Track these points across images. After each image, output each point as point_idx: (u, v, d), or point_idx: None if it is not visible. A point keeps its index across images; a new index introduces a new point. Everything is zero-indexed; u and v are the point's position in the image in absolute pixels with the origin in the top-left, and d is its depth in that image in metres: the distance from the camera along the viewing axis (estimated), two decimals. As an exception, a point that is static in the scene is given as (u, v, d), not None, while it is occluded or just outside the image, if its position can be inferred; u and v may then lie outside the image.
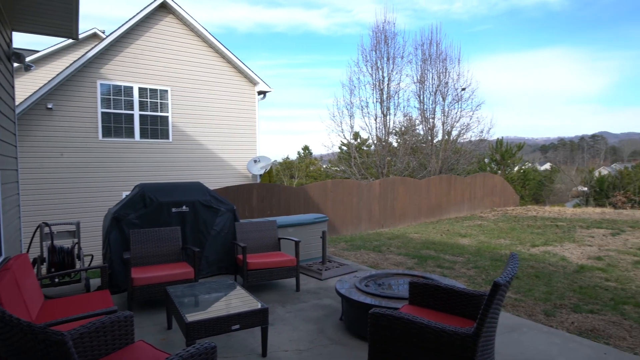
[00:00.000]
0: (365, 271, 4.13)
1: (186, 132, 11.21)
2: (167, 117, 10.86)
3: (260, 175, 13.04)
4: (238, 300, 3.36)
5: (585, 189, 23.36)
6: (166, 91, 10.81)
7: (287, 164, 40.64)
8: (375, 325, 2.15)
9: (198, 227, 5.43)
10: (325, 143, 19.51)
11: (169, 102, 10.86)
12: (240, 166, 12.38)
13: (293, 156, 45.51)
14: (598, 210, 13.93)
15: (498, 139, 24.59)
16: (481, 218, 12.98)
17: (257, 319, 3.06)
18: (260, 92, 12.76)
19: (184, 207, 5.33)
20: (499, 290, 1.83)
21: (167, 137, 10.88)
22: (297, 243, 4.97)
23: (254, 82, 12.46)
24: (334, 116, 17.74)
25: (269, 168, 13.68)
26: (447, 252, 7.51)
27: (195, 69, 11.32)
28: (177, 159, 11.05)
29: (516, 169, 28.54)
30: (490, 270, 6.03)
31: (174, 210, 5.27)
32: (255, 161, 12.55)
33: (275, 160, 43.38)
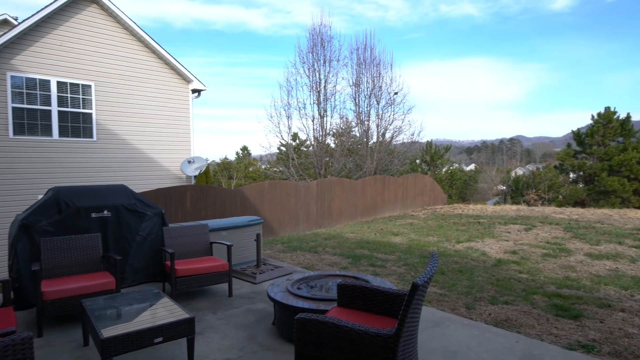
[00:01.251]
0: (300, 273, 4.12)
1: (113, 130, 10.44)
2: (90, 114, 10.03)
3: (195, 176, 12.55)
4: (163, 310, 3.17)
5: (504, 187, 25.54)
6: (89, 86, 9.98)
7: (225, 165, 39.59)
8: (302, 330, 2.14)
9: (122, 233, 5.06)
10: (263, 144, 19.22)
11: (93, 98, 10.04)
12: (173, 167, 11.81)
13: (232, 156, 44.48)
14: (514, 207, 15.26)
15: (428, 141, 26.07)
16: (412, 217, 13.62)
17: (182, 329, 2.91)
18: (194, 90, 12.28)
19: (105, 212, 4.94)
20: (417, 290, 1.91)
21: (91, 136, 10.05)
22: (229, 247, 4.83)
23: (187, 80, 11.96)
24: (271, 117, 17.56)
25: (204, 169, 13.20)
26: (380, 250, 7.77)
27: (123, 63, 10.58)
28: (102, 159, 10.25)
29: (445, 169, 30.44)
30: (419, 267, 6.33)
31: (93, 215, 4.86)
32: (189, 162, 12.04)
33: (213, 161, 41.96)
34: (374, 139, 18.89)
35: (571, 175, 22.92)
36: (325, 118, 17.78)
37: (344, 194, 13.38)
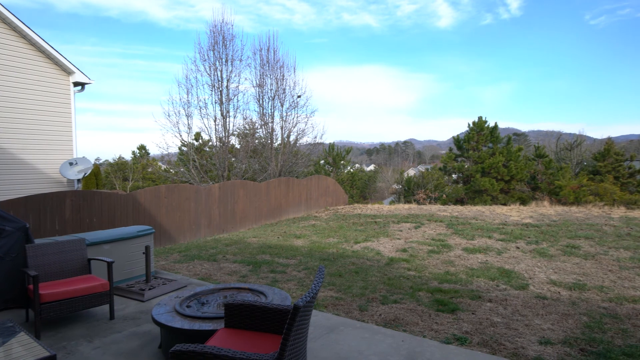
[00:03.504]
0: (192, 288, 3.87)
1: (-38, 127, 8.72)
2: None
3: (80, 180, 11.13)
4: (19, 347, 2.69)
5: (399, 187, 27.64)
6: None
7: (120, 165, 36.03)
8: (182, 362, 1.97)
9: (-31, 255, 4.20)
10: (160, 144, 17.82)
11: None
12: (51, 170, 10.33)
13: (128, 156, 40.67)
14: (407, 206, 16.57)
15: (330, 143, 26.97)
16: (315, 218, 13.93)
17: (41, 370, 2.49)
18: (77, 84, 10.89)
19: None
20: (299, 313, 1.89)
21: None
22: (109, 264, 4.33)
23: (68, 72, 10.55)
24: (169, 115, 16.41)
25: (89, 172, 11.78)
26: (282, 255, 7.75)
27: (-23, 47, 8.91)
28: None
29: (347, 170, 31.80)
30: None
31: None
32: (71, 164, 10.64)
33: (107, 160, 37.97)
34: (279, 141, 18.90)
35: (453, 176, 25.77)
36: (228, 118, 17.23)
37: (247, 196, 13.12)
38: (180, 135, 16.71)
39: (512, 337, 3.65)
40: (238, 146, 19.48)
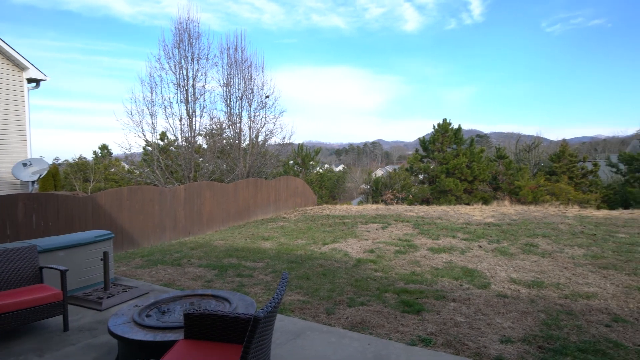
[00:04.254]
0: (154, 295, 3.71)
1: None
2: None
3: (35, 182, 10.51)
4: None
5: (367, 187, 27.94)
6: None
7: (80, 165, 34.39)
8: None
9: None
10: (122, 144, 17.08)
11: None
12: (3, 172, 9.71)
13: (90, 156, 38.89)
14: (374, 206, 16.76)
15: (299, 144, 26.91)
16: (284, 219, 13.83)
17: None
18: (31, 80, 10.29)
19: None
20: (259, 325, 1.84)
21: None
22: (63, 273, 4.08)
23: (21, 67, 9.95)
24: (132, 114, 15.80)
25: (45, 173, 11.13)
26: (249, 258, 7.62)
27: None
28: None
29: (316, 171, 31.84)
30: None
31: None
32: (25, 165, 10.04)
33: (66, 160, 36.18)
34: (247, 141, 18.64)
35: (419, 176, 26.37)
36: (194, 118, 16.81)
37: (215, 198, 12.85)
38: (144, 135, 16.14)
39: (475, 337, 3.74)
40: (205, 146, 19.06)
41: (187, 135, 16.95)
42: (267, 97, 18.05)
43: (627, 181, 24.49)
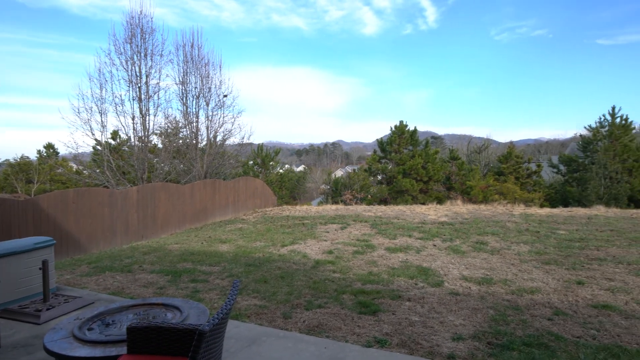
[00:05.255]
0: (99, 305, 3.48)
1: None
2: None
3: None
4: None
5: (327, 187, 28.10)
6: None
7: (22, 165, 31.95)
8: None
9: None
10: (68, 143, 15.96)
11: None
12: None
13: (34, 155, 36.19)
14: (334, 207, 16.88)
15: (259, 144, 26.60)
16: (243, 221, 13.58)
17: None
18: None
19: None
20: (204, 339, 1.76)
21: None
22: (-5, 285, 3.74)
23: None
24: (79, 112, 14.85)
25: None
26: (205, 262, 7.40)
27: None
28: None
29: (276, 171, 31.60)
30: (242, 277, 6.25)
31: None
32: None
33: (7, 160, 33.54)
34: (205, 141, 18.14)
35: (378, 177, 26.89)
36: (148, 117, 16.10)
37: (170, 200, 12.38)
38: (93, 134, 15.24)
39: (429, 336, 3.83)
40: (160, 146, 18.34)
41: (140, 134, 16.21)
42: (225, 96, 17.68)
43: (566, 181, 26.32)
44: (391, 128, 26.86)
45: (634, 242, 8.14)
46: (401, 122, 26.50)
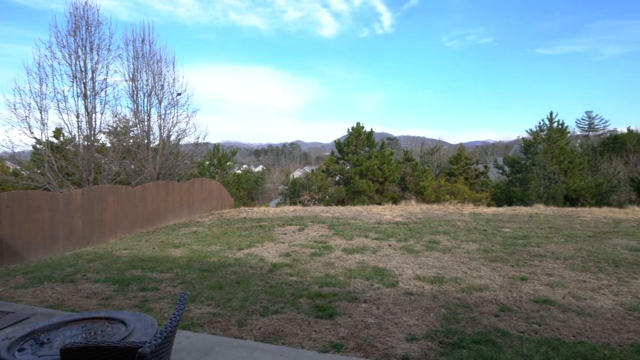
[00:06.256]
0: (34, 321, 3.20)
1: None
2: None
3: None
4: None
5: (285, 188, 27.97)
6: None
7: (-53, 167, 28.96)
8: None
9: None
10: (3, 141, 14.63)
11: None
12: None
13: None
14: (292, 208, 16.80)
15: (216, 144, 25.97)
16: (198, 224, 13.17)
17: None
18: None
19: None
20: None
21: None
22: None
23: None
24: (15, 108, 13.70)
25: None
26: (156, 269, 7.07)
27: None
28: None
29: (234, 171, 30.99)
30: (196, 283, 6.03)
31: None
32: None
33: None
34: (157, 141, 17.40)
35: (336, 177, 27.15)
36: (94, 115, 15.19)
37: (119, 203, 11.75)
38: (32, 132, 14.14)
39: (384, 338, 3.88)
40: (109, 145, 17.37)
41: (86, 133, 15.24)
42: (179, 94, 17.07)
43: (510, 181, 27.96)
44: (348, 129, 27.22)
45: (570, 239, 8.77)
46: (358, 123, 26.93)
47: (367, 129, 27.05)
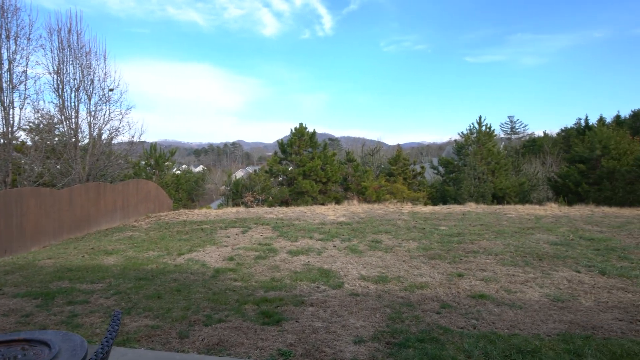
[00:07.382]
0: None
1: None
2: None
3: None
4: None
5: (228, 189, 27.24)
6: None
7: None
8: None
9: None
10: None
11: None
12: None
13: None
14: (235, 209, 16.40)
15: (152, 143, 24.62)
16: (133, 228, 12.38)
17: None
18: None
19: None
20: None
21: None
22: None
23: None
24: None
25: None
26: (86, 279, 6.51)
27: None
28: None
29: (173, 172, 29.59)
30: (132, 293, 5.63)
31: None
32: None
33: None
34: (87, 140, 16.08)
35: (279, 178, 26.98)
36: (12, 110, 13.68)
37: (42, 207, 10.68)
38: None
39: (332, 342, 3.88)
40: (31, 144, 15.71)
41: (2, 129, 13.67)
42: (112, 90, 15.91)
43: (444, 181, 29.63)
44: (291, 130, 27.18)
45: (499, 235, 9.46)
46: (301, 124, 26.99)
47: (310, 129, 27.22)
